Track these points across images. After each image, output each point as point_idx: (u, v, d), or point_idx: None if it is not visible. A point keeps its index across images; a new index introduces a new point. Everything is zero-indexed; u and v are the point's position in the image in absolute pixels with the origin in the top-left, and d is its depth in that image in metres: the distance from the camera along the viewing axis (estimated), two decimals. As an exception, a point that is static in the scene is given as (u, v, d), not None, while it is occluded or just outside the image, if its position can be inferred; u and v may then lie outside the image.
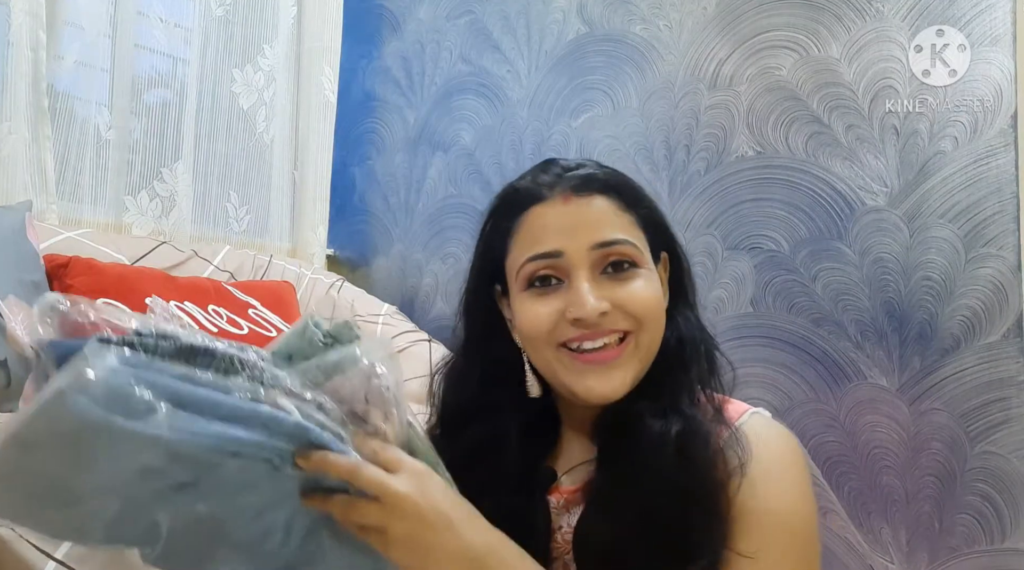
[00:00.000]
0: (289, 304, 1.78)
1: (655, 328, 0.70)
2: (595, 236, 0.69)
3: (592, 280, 0.68)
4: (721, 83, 1.69)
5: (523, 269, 0.70)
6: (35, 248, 1.38)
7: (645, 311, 0.68)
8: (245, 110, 2.07)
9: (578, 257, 0.68)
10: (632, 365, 0.69)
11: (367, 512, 0.54)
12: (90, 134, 1.73)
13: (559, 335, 0.69)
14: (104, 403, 0.46)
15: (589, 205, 0.70)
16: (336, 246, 2.30)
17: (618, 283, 0.69)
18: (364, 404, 0.57)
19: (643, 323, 0.69)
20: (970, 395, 1.41)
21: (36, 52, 1.57)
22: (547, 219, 0.70)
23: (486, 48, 2.08)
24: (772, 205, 1.62)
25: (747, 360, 1.61)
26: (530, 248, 0.70)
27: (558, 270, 0.69)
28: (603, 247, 0.69)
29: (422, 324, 2.02)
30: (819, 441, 1.53)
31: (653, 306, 0.69)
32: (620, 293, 0.68)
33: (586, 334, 0.68)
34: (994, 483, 1.39)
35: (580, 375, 0.68)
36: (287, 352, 0.57)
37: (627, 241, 0.70)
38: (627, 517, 0.66)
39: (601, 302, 0.67)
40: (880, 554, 1.47)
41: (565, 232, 0.69)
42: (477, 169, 2.07)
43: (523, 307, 0.71)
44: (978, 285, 1.42)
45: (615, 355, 0.68)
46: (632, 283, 0.69)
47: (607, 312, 0.67)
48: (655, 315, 0.69)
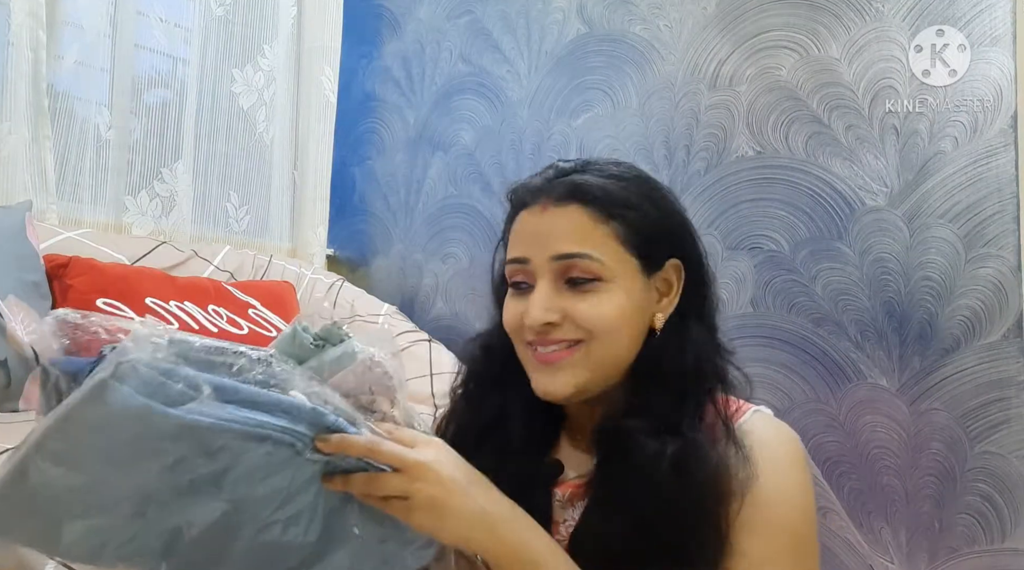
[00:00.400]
0: (289, 304, 1.78)
1: (610, 341, 0.71)
2: (557, 248, 0.71)
3: (553, 289, 0.71)
4: (721, 83, 1.69)
5: (506, 268, 0.76)
6: (35, 248, 1.38)
7: (596, 325, 0.70)
8: (245, 110, 2.07)
9: (541, 266, 0.72)
10: (580, 371, 0.71)
11: (390, 483, 0.58)
12: (90, 134, 1.73)
13: (522, 335, 0.73)
14: (144, 391, 0.49)
15: (561, 216, 0.72)
16: (336, 246, 2.30)
17: (576, 296, 0.71)
18: (369, 395, 0.60)
19: (594, 335, 0.70)
20: (970, 395, 1.41)
21: (36, 52, 1.57)
22: (524, 226, 0.74)
23: (486, 48, 2.08)
24: (772, 205, 1.62)
25: (747, 360, 1.58)
26: (510, 251, 0.75)
27: (527, 275, 0.73)
28: (562, 259, 0.71)
29: (422, 324, 2.02)
30: (819, 441, 1.53)
31: (608, 321, 0.70)
32: (575, 306, 0.70)
33: (538, 340, 0.71)
34: (994, 483, 1.39)
35: (536, 372, 0.73)
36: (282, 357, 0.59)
37: (588, 255, 0.70)
38: (621, 529, 0.67)
39: (548, 313, 0.70)
40: (880, 554, 1.47)
41: (533, 241, 0.73)
42: (477, 169, 2.07)
43: (506, 304, 0.76)
44: (978, 285, 1.42)
45: (559, 358, 0.71)
46: (589, 298, 0.71)
47: (555, 323, 0.70)
48: (609, 328, 0.71)
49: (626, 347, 0.72)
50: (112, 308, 1.40)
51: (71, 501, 0.51)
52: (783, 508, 0.69)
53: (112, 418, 0.49)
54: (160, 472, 0.51)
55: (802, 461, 0.73)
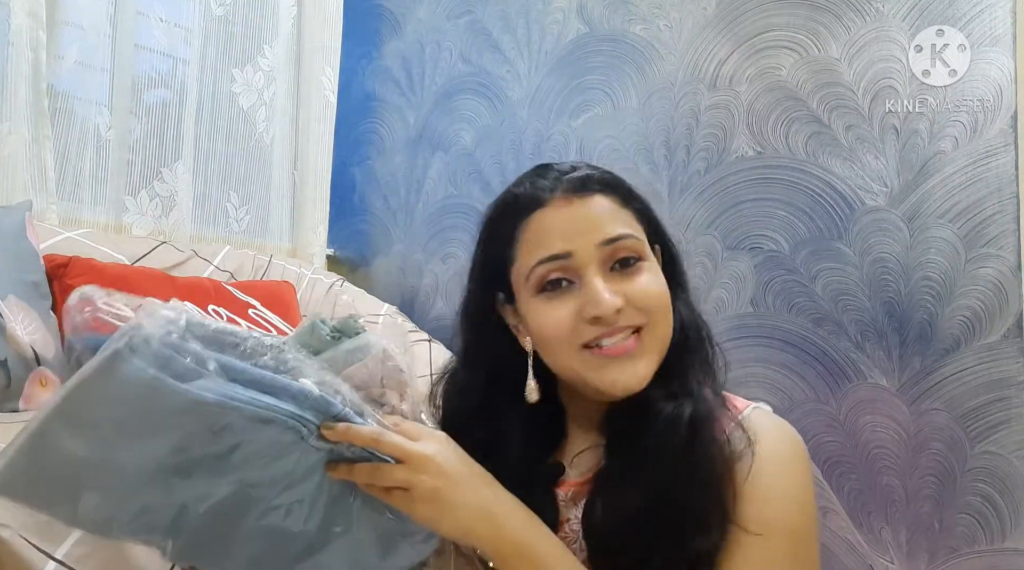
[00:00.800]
0: (289, 304, 1.78)
1: (665, 319, 0.72)
2: (601, 233, 0.70)
3: (603, 277, 0.70)
4: (721, 83, 1.69)
5: (533, 273, 0.71)
6: (35, 248, 1.38)
7: (656, 304, 0.70)
8: (245, 110, 2.07)
9: (587, 256, 0.70)
10: (651, 355, 0.70)
11: (393, 474, 0.58)
12: (90, 134, 1.73)
13: (579, 336, 0.70)
14: (154, 364, 0.49)
15: (590, 204, 0.71)
16: (336, 246, 2.30)
17: (627, 278, 0.70)
18: (380, 387, 0.61)
19: (654, 315, 0.70)
20: (970, 395, 1.41)
21: (36, 52, 1.56)
22: (551, 222, 0.71)
23: (486, 48, 2.08)
24: (772, 205, 1.62)
25: (747, 360, 1.61)
26: (538, 252, 0.71)
27: (568, 271, 0.70)
28: (610, 243, 0.70)
29: (422, 324, 2.02)
30: (819, 441, 1.53)
31: (662, 297, 0.71)
32: (631, 288, 0.70)
33: (605, 332, 0.69)
34: (994, 483, 1.39)
35: (603, 370, 0.70)
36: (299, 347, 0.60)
37: (631, 235, 0.71)
38: (636, 499, 0.67)
39: (616, 298, 0.68)
40: (880, 554, 1.47)
41: (571, 233, 0.70)
42: (477, 169, 2.07)
43: (538, 311, 0.72)
44: (978, 285, 1.42)
45: (634, 345, 0.69)
46: (640, 277, 0.71)
47: (621, 308, 0.69)
48: (664, 306, 0.71)
49: (671, 324, 0.73)
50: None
51: (84, 471, 0.52)
52: (782, 504, 0.69)
53: (122, 389, 0.50)
54: (168, 447, 0.52)
55: (803, 456, 0.73)
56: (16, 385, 1.19)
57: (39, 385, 1.24)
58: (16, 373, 1.19)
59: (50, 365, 1.27)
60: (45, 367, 1.26)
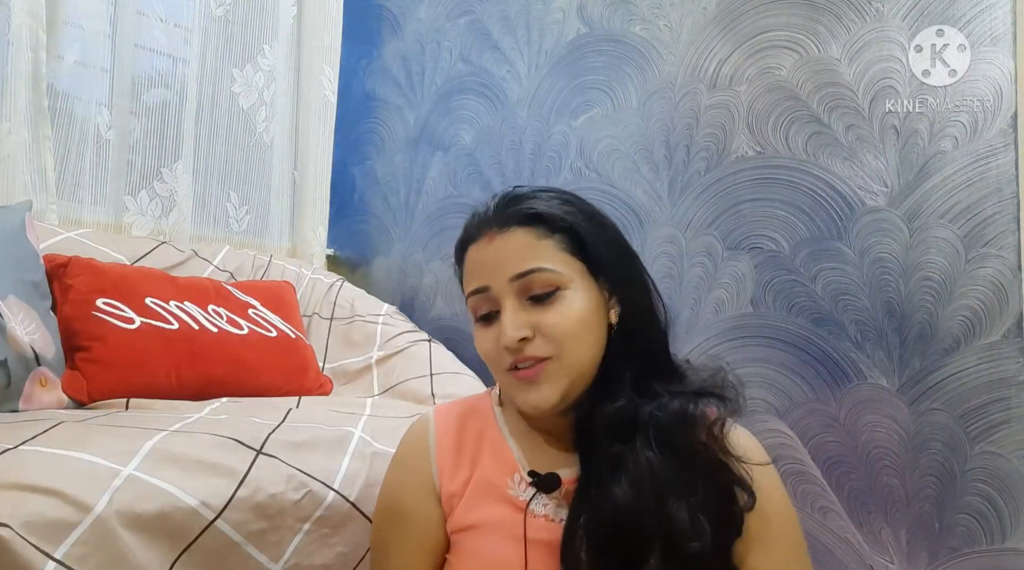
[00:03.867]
0: (289, 304, 1.78)
1: (575, 347, 0.76)
2: (512, 268, 0.77)
3: (518, 307, 0.76)
4: (721, 83, 1.69)
5: (468, 303, 0.81)
6: (35, 248, 1.38)
7: (564, 334, 0.75)
8: (245, 110, 2.07)
9: (502, 289, 0.77)
10: (557, 380, 0.76)
11: None
12: (90, 134, 1.73)
13: (502, 362, 0.77)
14: None
15: (508, 240, 0.79)
16: (336, 246, 2.30)
17: (540, 310, 0.76)
18: None
19: (564, 345, 0.75)
20: (970, 395, 1.41)
21: (36, 52, 1.56)
22: (476, 257, 0.81)
23: (486, 48, 2.08)
24: (772, 205, 1.61)
25: (747, 360, 1.61)
26: (469, 285, 0.81)
27: (491, 303, 0.78)
28: (520, 278, 0.77)
29: (422, 324, 2.02)
30: (819, 441, 1.53)
31: (572, 328, 0.76)
32: (542, 320, 0.76)
33: (517, 359, 0.76)
34: (994, 483, 1.39)
35: (519, 391, 0.77)
36: None
37: (541, 269, 0.77)
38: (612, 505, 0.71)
39: (521, 330, 0.75)
40: (880, 554, 1.47)
41: (489, 268, 0.78)
42: (477, 169, 2.07)
43: (477, 336, 0.81)
44: (978, 285, 1.42)
45: (534, 374, 0.75)
46: (553, 309, 0.76)
47: (528, 337, 0.75)
48: (574, 335, 0.76)
49: (592, 346, 0.77)
50: (112, 308, 1.40)
51: None
52: (787, 523, 0.75)
53: None
54: None
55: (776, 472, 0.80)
56: (16, 385, 1.19)
57: (39, 385, 1.24)
58: (16, 373, 1.19)
59: (50, 365, 1.27)
60: (45, 367, 1.26)
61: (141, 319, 1.41)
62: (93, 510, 0.77)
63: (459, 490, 0.82)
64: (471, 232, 0.83)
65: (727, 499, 0.72)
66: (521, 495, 0.80)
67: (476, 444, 0.85)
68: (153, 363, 1.39)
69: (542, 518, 0.78)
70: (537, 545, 0.76)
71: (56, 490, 0.77)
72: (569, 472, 0.79)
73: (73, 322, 1.37)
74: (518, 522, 0.77)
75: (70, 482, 0.79)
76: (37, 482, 0.77)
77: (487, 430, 0.86)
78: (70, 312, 1.37)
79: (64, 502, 0.76)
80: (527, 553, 0.75)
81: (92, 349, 1.35)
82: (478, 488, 0.82)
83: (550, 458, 0.82)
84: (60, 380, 1.29)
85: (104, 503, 0.78)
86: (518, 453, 0.83)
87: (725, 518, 0.71)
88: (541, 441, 0.84)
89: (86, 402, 1.31)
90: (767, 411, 1.57)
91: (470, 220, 0.85)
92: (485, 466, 0.83)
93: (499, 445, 0.84)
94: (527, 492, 0.79)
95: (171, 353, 1.41)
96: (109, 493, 0.80)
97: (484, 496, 0.81)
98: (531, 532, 0.77)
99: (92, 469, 0.82)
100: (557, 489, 0.78)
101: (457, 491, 0.83)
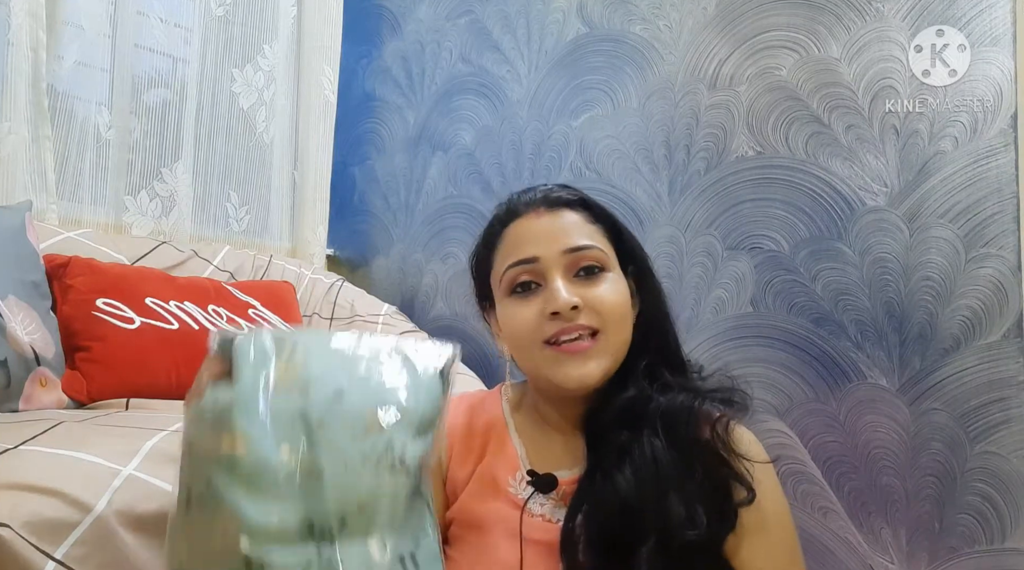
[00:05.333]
0: (289, 304, 1.78)
1: (620, 326, 0.78)
2: (566, 242, 0.78)
3: (566, 281, 0.77)
4: (721, 83, 1.69)
5: (505, 276, 0.80)
6: (35, 248, 1.38)
7: (610, 310, 0.77)
8: (245, 110, 2.07)
9: (552, 261, 0.78)
10: (603, 357, 0.76)
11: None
12: (90, 134, 1.73)
13: (541, 333, 0.76)
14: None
15: (560, 217, 0.80)
16: (336, 246, 2.30)
17: (588, 285, 0.77)
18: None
19: (608, 321, 0.76)
20: (970, 395, 1.41)
21: (36, 52, 1.56)
22: (523, 230, 0.81)
23: (486, 48, 2.08)
24: (772, 205, 1.61)
25: (747, 360, 1.61)
26: (510, 257, 0.80)
27: (535, 274, 0.78)
28: (574, 252, 0.78)
29: (422, 324, 2.02)
30: (819, 441, 1.53)
31: (617, 306, 0.78)
32: (589, 293, 0.77)
33: (563, 329, 0.75)
34: (994, 483, 1.39)
35: (559, 365, 0.76)
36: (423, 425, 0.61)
37: (595, 246, 0.79)
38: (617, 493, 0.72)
39: (573, 297, 0.75)
40: (880, 554, 1.47)
41: (539, 240, 0.79)
42: (477, 169, 2.07)
43: (508, 311, 0.80)
44: (978, 285, 1.42)
45: (588, 346, 0.75)
46: (600, 285, 0.78)
47: (578, 307, 0.75)
48: (619, 315, 0.78)
49: (628, 331, 0.79)
50: (112, 308, 1.40)
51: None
52: (781, 519, 0.76)
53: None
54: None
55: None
56: (16, 385, 1.19)
57: (39, 385, 1.24)
58: (16, 373, 1.19)
59: (50, 365, 1.27)
60: (45, 367, 1.26)
61: (141, 319, 1.41)
62: (93, 510, 0.78)
63: (463, 480, 0.84)
64: (516, 209, 0.83)
65: (724, 493, 0.73)
66: (521, 494, 0.80)
67: (483, 437, 0.86)
68: (153, 363, 1.39)
69: (539, 518, 0.78)
70: (533, 545, 0.76)
71: (56, 490, 0.77)
72: (569, 474, 0.80)
73: (73, 322, 1.37)
74: (516, 520, 0.77)
75: (70, 482, 0.79)
76: (37, 482, 0.77)
77: (494, 425, 0.87)
78: (70, 312, 1.37)
79: (64, 502, 0.77)
80: (523, 552, 0.75)
81: (92, 349, 1.35)
82: (481, 482, 0.83)
83: (553, 459, 0.82)
84: (60, 380, 1.29)
85: (104, 503, 0.79)
86: (522, 452, 0.83)
87: (721, 511, 0.72)
88: (546, 442, 0.84)
89: (86, 402, 1.31)
90: (767, 411, 1.57)
91: (510, 201, 0.85)
92: (489, 461, 0.84)
93: (504, 442, 0.85)
94: (526, 491, 0.80)
95: (171, 353, 1.41)
96: (109, 493, 0.80)
97: (486, 490, 0.82)
98: (528, 531, 0.77)
99: (92, 469, 0.83)
100: (554, 490, 0.79)
101: (461, 480, 0.84)
